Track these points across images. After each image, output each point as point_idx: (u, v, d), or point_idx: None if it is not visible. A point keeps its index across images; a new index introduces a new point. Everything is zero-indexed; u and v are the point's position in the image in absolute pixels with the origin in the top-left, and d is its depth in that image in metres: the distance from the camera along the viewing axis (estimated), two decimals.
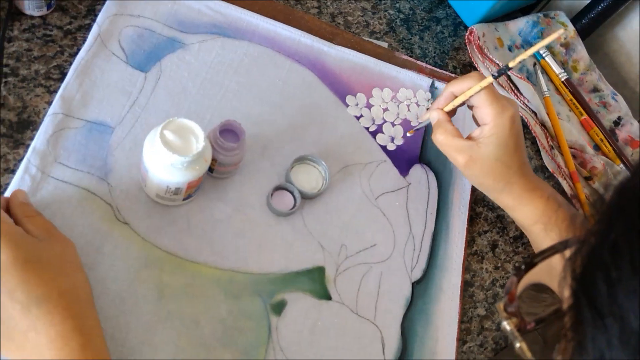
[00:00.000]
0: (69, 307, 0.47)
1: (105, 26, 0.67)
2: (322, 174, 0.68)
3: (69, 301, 0.47)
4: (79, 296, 0.49)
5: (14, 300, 0.44)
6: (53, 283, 0.47)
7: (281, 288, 0.62)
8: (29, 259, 0.46)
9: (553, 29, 0.94)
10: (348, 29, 0.82)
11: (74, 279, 0.50)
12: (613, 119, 0.94)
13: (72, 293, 0.48)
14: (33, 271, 0.46)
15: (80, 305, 0.49)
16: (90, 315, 0.50)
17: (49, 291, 0.46)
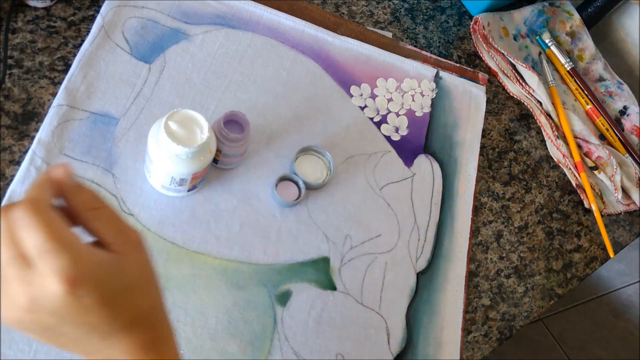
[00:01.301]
0: (150, 327, 0.42)
1: (109, 17, 0.67)
2: (326, 165, 0.68)
3: (149, 322, 0.42)
4: (157, 313, 0.44)
5: (96, 331, 0.39)
6: (136, 308, 0.41)
7: (286, 278, 0.62)
8: (111, 293, 0.38)
9: (558, 17, 0.94)
10: (352, 18, 0.81)
11: (152, 294, 0.43)
12: (619, 108, 0.93)
13: (152, 312, 0.43)
14: (116, 303, 0.39)
15: (159, 321, 0.44)
16: (166, 328, 0.45)
17: (132, 317, 0.40)
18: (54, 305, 0.36)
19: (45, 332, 0.38)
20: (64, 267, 0.35)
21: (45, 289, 0.35)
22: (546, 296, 0.74)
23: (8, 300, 0.37)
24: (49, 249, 0.35)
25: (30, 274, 0.36)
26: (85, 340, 0.39)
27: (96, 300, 0.37)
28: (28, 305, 0.36)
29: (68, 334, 0.38)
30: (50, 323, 0.37)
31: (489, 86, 0.84)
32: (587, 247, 0.80)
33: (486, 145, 0.80)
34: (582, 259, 0.79)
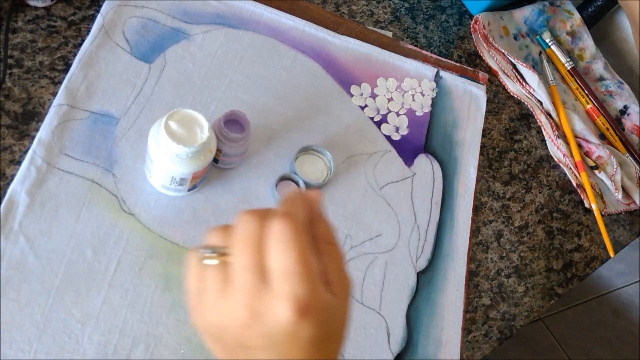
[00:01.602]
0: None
1: (109, 17, 0.67)
2: (326, 164, 0.68)
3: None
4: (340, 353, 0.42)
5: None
6: (331, 354, 0.39)
7: None
8: (325, 335, 0.37)
9: (559, 17, 0.94)
10: (352, 18, 0.81)
11: (342, 345, 0.41)
12: (619, 107, 0.93)
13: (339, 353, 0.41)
14: (324, 345, 0.37)
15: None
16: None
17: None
18: (272, 328, 0.35)
19: (237, 351, 0.37)
20: (300, 296, 0.34)
21: (274, 310, 0.34)
22: (546, 296, 0.74)
23: (225, 306, 0.36)
24: (293, 272, 0.34)
25: (264, 289, 0.35)
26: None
27: (313, 337, 0.36)
28: (246, 318, 0.35)
29: (255, 356, 0.37)
30: (254, 343, 0.36)
31: (489, 86, 0.84)
32: (587, 246, 0.80)
33: (486, 144, 0.80)
34: (582, 259, 0.79)
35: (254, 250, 0.36)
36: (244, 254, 0.36)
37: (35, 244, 0.55)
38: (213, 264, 0.37)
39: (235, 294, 0.36)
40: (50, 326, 0.53)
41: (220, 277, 0.37)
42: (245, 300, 0.35)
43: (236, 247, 0.36)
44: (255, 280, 0.35)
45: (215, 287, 0.37)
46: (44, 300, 0.54)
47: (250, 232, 0.36)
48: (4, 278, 0.54)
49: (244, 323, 0.35)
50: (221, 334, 0.37)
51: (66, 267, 0.56)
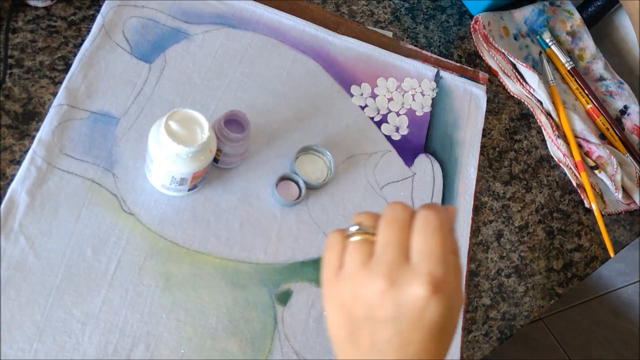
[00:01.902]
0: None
1: (109, 17, 0.67)
2: (327, 164, 0.68)
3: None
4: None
5: (405, 341, 0.40)
6: (442, 354, 0.41)
7: (287, 278, 0.62)
8: (444, 326, 0.40)
9: (559, 17, 0.94)
10: (352, 18, 0.81)
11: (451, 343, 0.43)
12: (619, 107, 0.93)
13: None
14: (441, 340, 0.40)
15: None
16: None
17: (438, 356, 0.41)
18: (406, 299, 0.39)
19: (362, 324, 0.41)
20: (436, 274, 0.38)
21: (411, 282, 0.38)
22: (546, 296, 0.74)
23: (366, 275, 0.40)
24: (434, 253, 0.39)
25: (404, 265, 0.39)
26: (386, 344, 0.40)
27: (435, 320, 0.39)
28: (384, 287, 0.39)
29: (376, 332, 0.40)
30: (382, 314, 0.39)
31: (490, 86, 0.84)
32: (587, 246, 0.80)
33: (486, 144, 0.80)
34: (582, 259, 0.79)
35: (399, 230, 0.40)
36: (389, 231, 0.41)
37: (35, 244, 0.55)
38: (357, 240, 0.42)
39: (377, 265, 0.40)
40: (51, 326, 0.53)
41: (364, 251, 0.41)
42: (385, 271, 0.39)
43: (383, 226, 0.41)
44: (398, 255, 0.40)
45: (358, 259, 0.41)
46: (44, 300, 0.54)
47: (397, 215, 0.41)
48: (4, 278, 0.54)
49: (381, 290, 0.39)
50: (354, 304, 0.41)
51: (66, 267, 0.56)
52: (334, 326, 0.44)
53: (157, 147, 0.54)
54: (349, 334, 0.42)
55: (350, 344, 0.42)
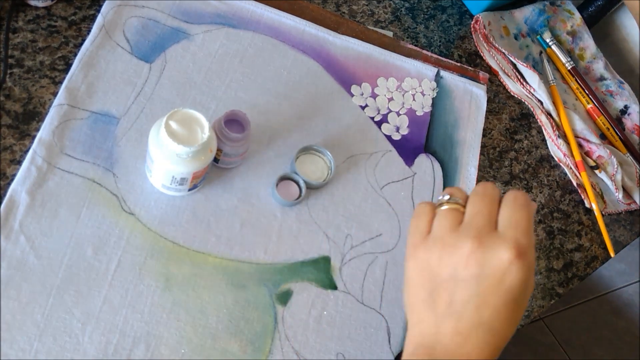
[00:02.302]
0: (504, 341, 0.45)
1: (110, 17, 0.67)
2: (327, 164, 0.68)
3: (507, 337, 0.45)
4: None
5: (482, 302, 0.43)
6: (512, 328, 0.44)
7: (287, 278, 0.62)
8: (519, 296, 0.43)
9: (559, 17, 0.94)
10: (353, 18, 0.81)
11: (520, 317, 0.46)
12: (620, 107, 0.93)
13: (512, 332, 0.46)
14: (514, 311, 0.44)
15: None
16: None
17: (513, 318, 0.44)
18: (490, 259, 0.43)
19: (443, 284, 0.44)
20: (521, 242, 0.43)
21: (498, 245, 0.43)
22: (547, 295, 0.74)
23: (455, 237, 0.44)
24: (520, 225, 0.44)
25: (492, 232, 0.44)
26: (464, 304, 0.44)
27: (513, 287, 0.43)
28: (472, 247, 0.43)
29: (456, 292, 0.44)
30: (466, 273, 0.43)
31: (490, 85, 0.84)
32: (587, 246, 0.80)
33: (487, 144, 0.80)
34: (582, 259, 0.79)
35: (489, 202, 0.46)
36: (479, 203, 0.46)
37: (35, 244, 0.55)
38: (447, 208, 0.47)
39: (466, 229, 0.44)
40: (51, 326, 0.53)
41: (453, 218, 0.46)
42: (474, 234, 0.43)
43: (473, 198, 0.46)
44: (486, 223, 0.44)
45: (447, 225, 0.46)
46: (45, 300, 0.54)
47: (487, 190, 0.46)
48: (5, 277, 0.54)
49: (468, 251, 0.43)
50: (439, 263, 0.45)
51: (67, 267, 0.56)
52: (414, 287, 0.47)
53: (158, 146, 0.54)
54: (427, 294, 0.45)
55: (427, 304, 0.45)
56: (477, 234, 0.44)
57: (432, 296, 0.45)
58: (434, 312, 0.45)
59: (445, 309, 0.44)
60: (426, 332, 0.45)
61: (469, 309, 0.43)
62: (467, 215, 0.46)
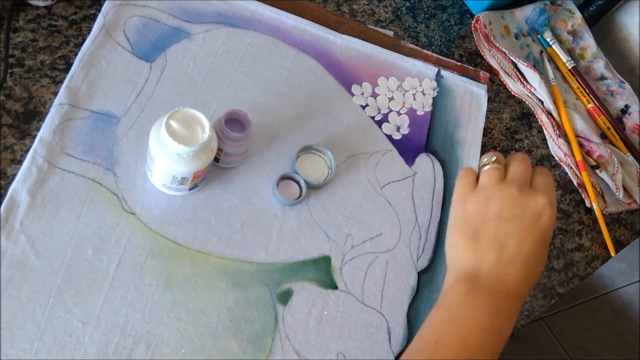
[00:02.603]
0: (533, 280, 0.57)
1: (110, 16, 0.67)
2: (327, 164, 0.68)
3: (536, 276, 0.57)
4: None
5: (520, 240, 0.55)
6: (537, 271, 0.57)
7: (287, 277, 0.62)
8: (544, 240, 0.56)
9: (560, 16, 0.94)
10: (353, 17, 0.81)
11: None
12: (620, 107, 0.93)
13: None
14: (540, 254, 0.56)
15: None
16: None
17: (538, 266, 0.57)
18: (530, 203, 0.56)
19: (487, 224, 0.56)
20: (552, 196, 0.57)
21: (536, 195, 0.56)
22: (547, 295, 0.74)
23: (500, 187, 0.57)
24: (550, 187, 0.58)
25: (529, 187, 0.57)
26: (507, 237, 0.55)
27: (545, 227, 0.56)
28: (516, 193, 0.56)
29: (500, 228, 0.56)
30: (510, 213, 0.56)
31: (491, 85, 0.84)
32: (588, 246, 0.80)
33: (487, 144, 0.80)
34: (583, 258, 0.79)
35: (527, 167, 0.59)
36: (520, 166, 0.59)
37: (36, 243, 0.55)
38: (493, 166, 0.59)
39: (511, 181, 0.57)
40: (52, 325, 0.53)
41: (498, 174, 0.58)
42: (517, 185, 0.57)
43: (514, 162, 0.59)
44: (525, 180, 0.58)
45: (493, 178, 0.58)
46: (45, 300, 0.54)
47: (525, 158, 0.60)
48: (5, 277, 0.54)
49: (514, 195, 0.56)
50: (487, 205, 0.57)
51: (67, 267, 0.56)
52: (460, 228, 0.58)
53: (158, 146, 0.54)
54: (472, 232, 0.56)
55: (471, 240, 0.56)
56: (520, 186, 0.57)
57: (476, 234, 0.56)
58: (478, 247, 0.55)
59: (489, 242, 0.55)
60: (469, 263, 0.55)
61: (511, 242, 0.55)
62: (510, 173, 0.58)
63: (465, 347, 0.51)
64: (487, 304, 0.53)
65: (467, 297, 0.54)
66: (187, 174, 0.56)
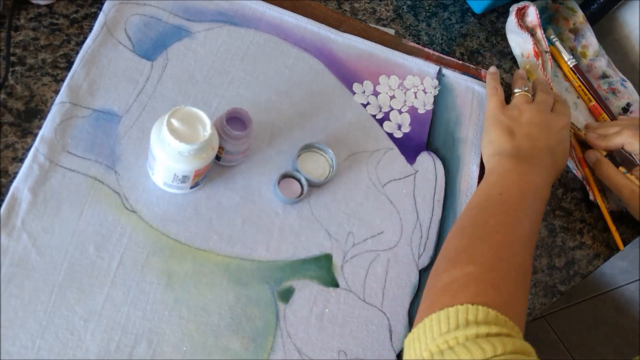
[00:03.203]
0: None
1: (112, 14, 0.67)
2: (329, 162, 0.68)
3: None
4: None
5: (546, 141, 0.70)
6: (553, 176, 0.70)
7: (289, 275, 0.62)
8: (565, 154, 0.73)
9: (562, 14, 0.94)
10: (355, 16, 0.81)
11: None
12: (622, 105, 0.93)
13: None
14: (559, 164, 0.71)
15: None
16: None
17: (561, 162, 0.72)
18: (553, 118, 0.72)
19: (521, 125, 0.71)
20: (569, 120, 0.75)
21: (559, 115, 0.73)
22: (549, 293, 0.74)
23: (529, 104, 0.74)
24: (567, 112, 0.75)
25: (552, 112, 0.73)
26: (537, 134, 0.70)
27: (565, 137, 0.73)
28: (541, 109, 0.73)
29: (531, 128, 0.70)
30: (537, 120, 0.71)
31: None
32: (590, 244, 0.80)
33: None
34: (584, 256, 0.79)
35: (551, 97, 0.75)
36: (545, 95, 0.75)
37: (37, 241, 0.56)
38: (524, 92, 0.75)
39: (538, 104, 0.73)
40: (53, 323, 0.53)
41: (528, 98, 0.75)
42: (543, 107, 0.73)
43: (541, 93, 0.75)
44: (549, 106, 0.74)
45: (523, 100, 0.74)
46: (47, 297, 0.54)
47: (548, 89, 0.77)
48: (7, 275, 0.54)
49: (541, 113, 0.72)
50: (519, 114, 0.72)
51: (69, 264, 0.56)
52: (495, 128, 0.71)
53: (159, 144, 0.54)
54: (509, 130, 0.70)
55: (509, 134, 0.70)
56: (545, 108, 0.73)
57: (512, 131, 0.70)
58: (514, 139, 0.69)
59: (523, 137, 0.69)
60: (508, 148, 0.68)
61: (542, 137, 0.69)
62: (537, 98, 0.74)
63: (525, 198, 0.63)
64: (532, 169, 0.66)
65: (516, 165, 0.66)
66: (188, 172, 0.56)
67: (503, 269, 0.55)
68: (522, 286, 0.57)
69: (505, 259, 0.56)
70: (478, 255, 0.56)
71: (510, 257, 0.57)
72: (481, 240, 0.58)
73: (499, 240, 0.58)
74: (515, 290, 0.55)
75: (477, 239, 0.59)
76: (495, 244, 0.58)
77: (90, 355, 0.53)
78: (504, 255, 0.57)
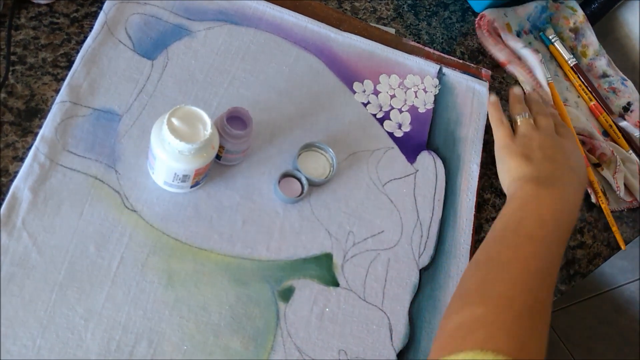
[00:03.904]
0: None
1: (112, 14, 0.67)
2: (329, 161, 0.68)
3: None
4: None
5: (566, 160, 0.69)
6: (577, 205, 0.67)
7: (289, 275, 0.62)
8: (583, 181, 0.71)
9: (562, 13, 0.94)
10: (355, 15, 0.81)
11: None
12: (622, 104, 0.93)
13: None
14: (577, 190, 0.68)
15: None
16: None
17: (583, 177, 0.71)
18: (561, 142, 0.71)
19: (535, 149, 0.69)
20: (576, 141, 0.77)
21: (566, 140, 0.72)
22: None
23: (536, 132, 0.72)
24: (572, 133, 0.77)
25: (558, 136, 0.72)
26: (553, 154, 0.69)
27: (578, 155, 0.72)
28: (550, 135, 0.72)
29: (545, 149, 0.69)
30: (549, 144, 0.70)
31: (492, 82, 0.84)
32: (590, 243, 0.80)
33: (489, 141, 0.80)
34: (585, 256, 0.79)
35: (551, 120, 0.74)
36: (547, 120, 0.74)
37: (38, 240, 0.56)
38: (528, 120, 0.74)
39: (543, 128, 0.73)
40: (54, 322, 0.53)
41: (532, 125, 0.73)
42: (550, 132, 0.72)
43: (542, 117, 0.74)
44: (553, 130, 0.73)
45: (530, 127, 0.72)
46: (47, 297, 0.54)
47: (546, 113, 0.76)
48: (7, 274, 0.54)
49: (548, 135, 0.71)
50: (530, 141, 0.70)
51: (69, 264, 0.56)
52: (510, 156, 0.70)
53: (160, 144, 0.54)
54: (525, 157, 0.68)
55: (527, 159, 0.68)
56: (552, 134, 0.72)
57: (528, 156, 0.68)
58: (533, 163, 0.67)
59: (541, 160, 0.67)
60: (529, 172, 0.66)
61: (561, 159, 0.68)
62: (539, 124, 0.73)
63: (544, 227, 0.60)
64: (554, 194, 0.63)
65: (538, 190, 0.64)
66: (188, 172, 0.56)
67: (515, 309, 0.52)
68: (539, 325, 0.53)
69: (518, 298, 0.53)
70: (489, 295, 0.54)
71: (524, 295, 0.53)
72: (494, 277, 0.56)
73: (512, 276, 0.55)
74: (530, 331, 0.51)
75: (490, 275, 0.56)
76: (507, 281, 0.55)
77: (91, 355, 0.53)
78: (517, 293, 0.54)
